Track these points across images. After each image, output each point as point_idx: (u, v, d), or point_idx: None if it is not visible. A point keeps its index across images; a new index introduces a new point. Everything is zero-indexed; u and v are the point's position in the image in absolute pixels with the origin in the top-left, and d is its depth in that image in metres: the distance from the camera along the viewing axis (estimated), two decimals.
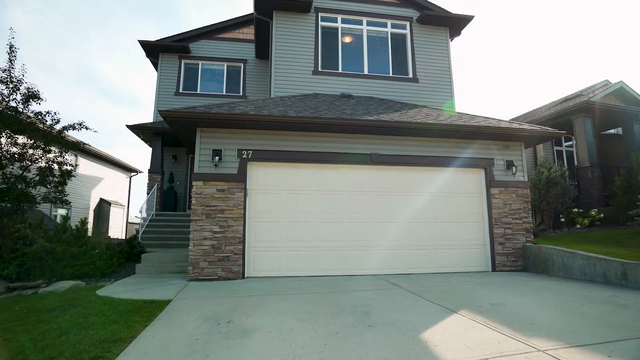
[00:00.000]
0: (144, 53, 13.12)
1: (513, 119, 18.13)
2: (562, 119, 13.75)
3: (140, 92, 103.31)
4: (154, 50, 12.91)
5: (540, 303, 4.58)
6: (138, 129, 11.62)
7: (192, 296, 5.20)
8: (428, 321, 3.87)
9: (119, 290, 5.58)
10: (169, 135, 11.80)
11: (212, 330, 3.68)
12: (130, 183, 24.50)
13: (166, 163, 12.85)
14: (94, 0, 65.24)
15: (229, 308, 4.50)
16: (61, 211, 17.14)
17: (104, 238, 12.44)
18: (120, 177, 23.31)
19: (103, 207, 20.88)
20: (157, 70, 13.08)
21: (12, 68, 7.49)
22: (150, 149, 12.16)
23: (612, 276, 5.54)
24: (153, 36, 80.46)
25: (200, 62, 13.19)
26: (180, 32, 13.12)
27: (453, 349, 3.05)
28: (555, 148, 14.95)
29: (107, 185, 21.46)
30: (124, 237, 21.00)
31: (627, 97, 13.57)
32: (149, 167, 11.74)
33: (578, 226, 12.00)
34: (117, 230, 21.50)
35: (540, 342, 3.13)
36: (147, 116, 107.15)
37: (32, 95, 7.62)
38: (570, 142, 15.23)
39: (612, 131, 16.03)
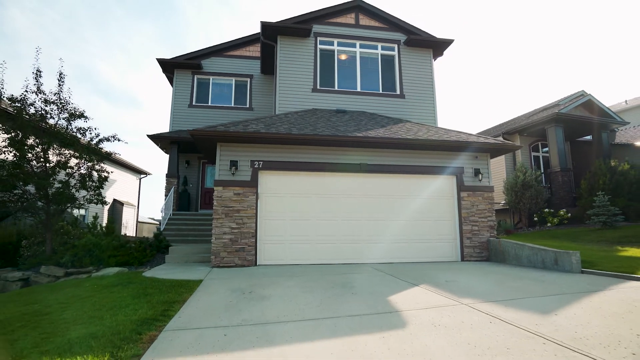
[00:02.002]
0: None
1: (495, 127, 19.65)
2: (538, 128, 15.26)
3: (138, 93, 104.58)
4: (169, 67, 14.37)
5: (483, 280, 6.06)
6: (157, 138, 13.07)
7: (218, 277, 6.67)
8: (396, 291, 5.35)
9: (159, 273, 7.05)
10: (183, 143, 13.26)
11: (239, 296, 5.14)
12: (140, 184, 25.96)
13: (180, 168, 14.28)
14: (92, 0, 66.64)
15: (249, 284, 5.97)
16: (79, 211, 18.58)
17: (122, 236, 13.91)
18: (131, 178, 24.75)
19: (116, 207, 22.33)
20: (172, 85, 14.54)
21: (61, 92, 8.96)
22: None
23: (548, 262, 7.03)
24: (152, 37, 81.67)
25: (211, 77, 14.66)
26: (193, 50, 14.59)
27: (406, 304, 4.53)
28: (533, 154, 16.43)
29: (120, 186, 22.88)
30: (134, 235, 22.45)
31: (595, 109, 15.06)
32: (166, 172, 13.19)
33: (549, 224, 13.53)
34: (128, 229, 22.94)
35: (466, 300, 4.61)
36: (146, 117, 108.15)
37: (78, 115, 9.09)
38: (546, 148, 16.70)
39: (587, 137, 17.50)
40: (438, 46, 12.57)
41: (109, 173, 9.92)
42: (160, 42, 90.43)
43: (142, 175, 26.15)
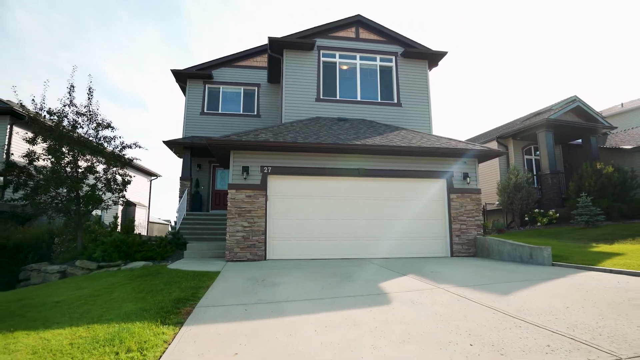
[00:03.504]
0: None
1: (491, 130, 20.48)
2: (529, 132, 16.09)
3: (142, 94, 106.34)
4: (182, 77, 15.41)
5: (463, 271, 6.97)
6: (171, 144, 14.09)
7: (233, 269, 7.63)
8: (386, 279, 6.28)
9: (181, 266, 8.03)
10: (195, 148, 14.28)
11: (254, 283, 6.10)
12: (150, 186, 27.07)
13: (192, 171, 15.29)
14: (96, 1, 67.99)
15: (261, 274, 6.92)
16: (97, 211, 19.65)
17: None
18: (143, 180, 25.85)
19: (129, 208, 23.42)
20: (185, 95, 15.59)
21: (90, 104, 10.02)
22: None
23: (525, 256, 7.91)
24: (156, 38, 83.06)
25: (221, 87, 15.68)
26: (204, 61, 15.63)
27: (393, 288, 5.46)
28: (526, 157, 17.25)
29: (132, 188, 23.83)
30: (146, 234, 23.53)
31: (584, 114, 15.87)
32: (180, 175, 14.20)
33: (538, 224, 14.38)
34: (140, 228, 24.02)
35: (443, 285, 5.53)
36: (149, 118, 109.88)
37: (105, 125, 10.14)
38: (539, 152, 17.50)
39: (579, 141, 18.27)
40: (433, 57, 13.47)
41: (131, 177, 10.94)
42: (164, 43, 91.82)
43: (152, 177, 27.24)
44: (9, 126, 13.55)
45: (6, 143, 13.15)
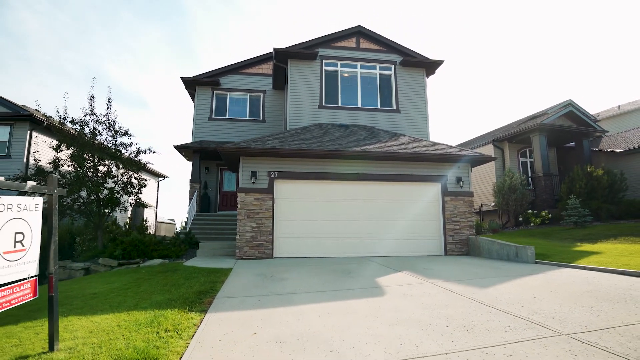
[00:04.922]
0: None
1: (487, 133, 21.10)
2: (524, 136, 16.73)
3: (145, 94, 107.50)
4: (191, 84, 16.16)
5: (453, 268, 7.67)
6: (182, 148, 14.85)
7: (244, 266, 8.36)
8: (383, 274, 6.99)
9: (196, 263, 8.77)
10: (204, 152, 15.02)
11: (264, 279, 6.82)
12: (158, 187, 27.88)
13: (201, 173, 16.03)
14: (100, 2, 68.95)
15: (269, 271, 7.65)
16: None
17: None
18: (151, 182, 26.62)
19: (139, 208, 24.21)
20: (193, 101, 16.35)
21: (109, 113, 10.78)
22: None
23: (511, 255, 8.60)
24: (159, 38, 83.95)
25: (228, 93, 16.43)
26: (212, 69, 16.37)
27: (388, 283, 6.17)
28: (521, 159, 17.88)
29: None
30: (153, 233, 24.31)
31: (577, 118, 16.48)
32: (190, 178, 14.96)
33: (532, 224, 15.04)
34: (149, 228, 24.82)
35: (432, 280, 6.24)
36: (152, 119, 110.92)
37: (123, 133, 10.91)
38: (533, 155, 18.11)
39: (572, 144, 18.88)
40: (430, 66, 14.14)
41: (147, 180, 11.70)
42: (166, 43, 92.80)
43: (159, 179, 28.06)
44: (28, 132, 14.37)
45: (26, 147, 13.97)
